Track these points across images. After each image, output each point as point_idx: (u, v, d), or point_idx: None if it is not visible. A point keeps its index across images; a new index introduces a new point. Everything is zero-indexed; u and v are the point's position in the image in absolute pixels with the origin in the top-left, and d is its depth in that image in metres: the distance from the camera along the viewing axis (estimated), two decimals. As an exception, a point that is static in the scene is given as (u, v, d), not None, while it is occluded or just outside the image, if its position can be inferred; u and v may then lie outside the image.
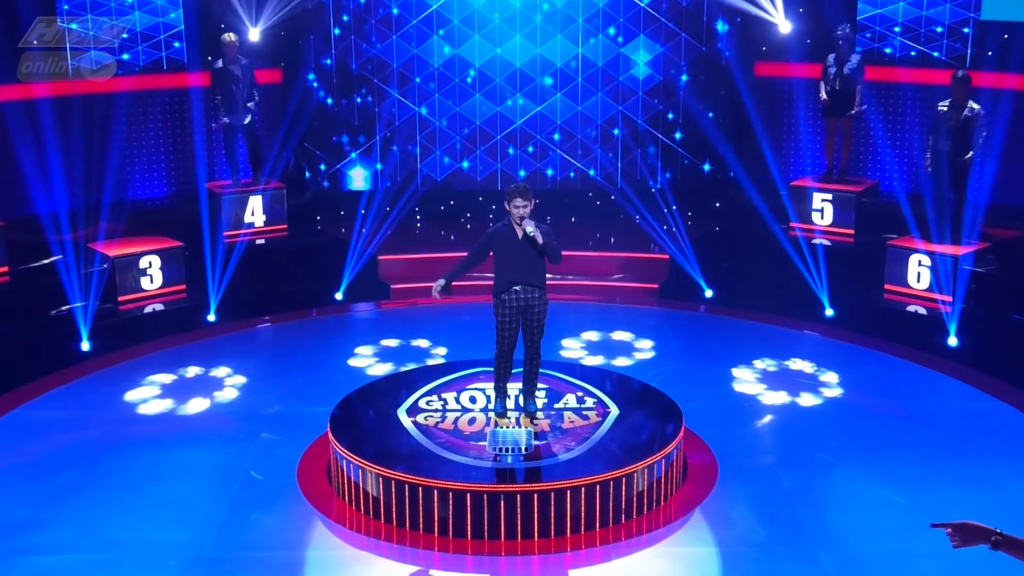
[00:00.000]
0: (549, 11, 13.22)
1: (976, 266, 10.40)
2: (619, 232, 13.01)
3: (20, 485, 7.59)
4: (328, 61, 13.21)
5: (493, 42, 13.29)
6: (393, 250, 12.28)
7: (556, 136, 13.50)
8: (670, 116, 13.38)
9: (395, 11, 13.13)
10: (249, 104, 11.97)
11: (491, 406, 7.74)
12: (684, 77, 13.27)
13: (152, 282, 11.00)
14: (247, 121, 12.00)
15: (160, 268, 11.03)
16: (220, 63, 11.82)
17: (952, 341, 9.98)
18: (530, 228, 7.16)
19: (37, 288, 10.43)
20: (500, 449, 7.17)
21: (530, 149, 13.51)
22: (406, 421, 7.58)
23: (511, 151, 13.53)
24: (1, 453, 8.11)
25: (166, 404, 9.00)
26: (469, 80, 13.35)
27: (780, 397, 9.08)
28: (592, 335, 10.53)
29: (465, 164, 13.49)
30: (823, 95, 11.86)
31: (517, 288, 7.30)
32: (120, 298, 10.79)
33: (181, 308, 10.99)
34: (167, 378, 9.51)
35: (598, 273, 12.24)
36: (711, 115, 13.30)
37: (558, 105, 13.46)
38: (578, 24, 13.26)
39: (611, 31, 13.21)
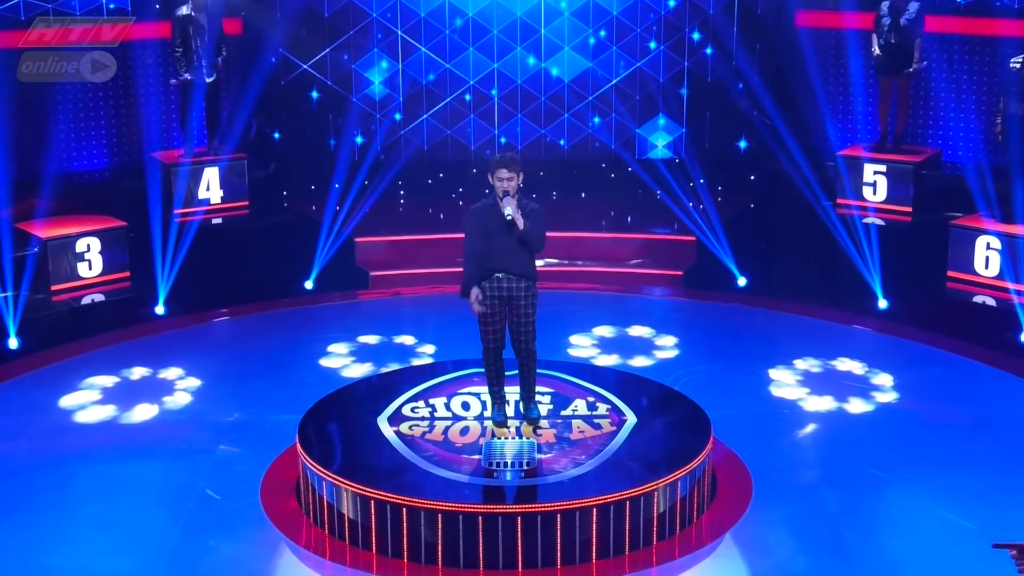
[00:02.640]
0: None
1: (1054, 250, 10.41)
2: (638, 210, 12.99)
3: (-63, 506, 7.59)
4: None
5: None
6: (372, 231, 12.27)
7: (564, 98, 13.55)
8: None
9: None
10: (217, 59, 11.95)
11: (487, 414, 7.73)
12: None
13: (91, 268, 10.99)
14: (211, 79, 11.97)
15: (100, 252, 11.01)
16: (185, 9, 11.77)
17: (1026, 337, 10.01)
18: (508, 210, 7.08)
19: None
20: (497, 464, 7.16)
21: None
22: (388, 431, 7.57)
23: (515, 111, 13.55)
24: (-86, 468, 8.12)
25: (107, 411, 8.99)
26: (459, 24, 13.37)
27: (825, 403, 9.09)
28: (606, 330, 10.54)
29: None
30: (876, 50, 11.83)
31: (499, 275, 7.27)
32: (53, 287, 10.79)
33: (125, 299, 10.99)
34: (108, 380, 9.51)
35: (613, 258, 12.23)
36: (741, 86, 13.26)
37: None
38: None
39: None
